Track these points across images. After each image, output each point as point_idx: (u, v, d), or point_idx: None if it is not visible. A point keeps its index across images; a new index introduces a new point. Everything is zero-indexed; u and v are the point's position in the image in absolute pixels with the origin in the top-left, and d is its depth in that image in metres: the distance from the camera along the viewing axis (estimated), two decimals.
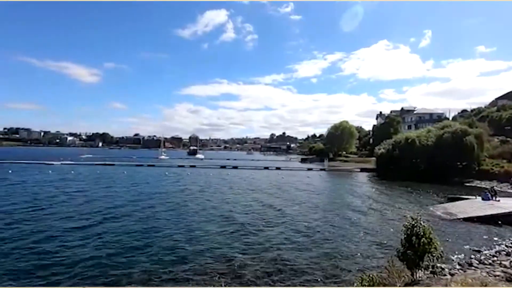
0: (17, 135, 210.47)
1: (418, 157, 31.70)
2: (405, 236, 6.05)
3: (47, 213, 13.35)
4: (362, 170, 43.53)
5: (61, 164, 44.47)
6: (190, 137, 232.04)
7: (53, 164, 43.56)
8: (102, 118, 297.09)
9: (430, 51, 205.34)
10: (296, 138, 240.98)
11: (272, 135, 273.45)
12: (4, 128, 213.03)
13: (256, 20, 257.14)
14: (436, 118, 61.80)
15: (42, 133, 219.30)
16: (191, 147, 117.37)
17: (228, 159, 75.17)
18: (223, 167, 47.61)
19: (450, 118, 59.34)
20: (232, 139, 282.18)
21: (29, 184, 22.80)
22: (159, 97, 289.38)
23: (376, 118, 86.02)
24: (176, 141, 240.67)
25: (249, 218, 13.41)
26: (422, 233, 5.78)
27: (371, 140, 72.51)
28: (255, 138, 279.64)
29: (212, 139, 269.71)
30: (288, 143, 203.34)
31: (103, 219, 12.47)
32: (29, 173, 31.72)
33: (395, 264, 6.56)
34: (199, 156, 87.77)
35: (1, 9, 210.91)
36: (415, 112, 72.22)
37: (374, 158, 43.55)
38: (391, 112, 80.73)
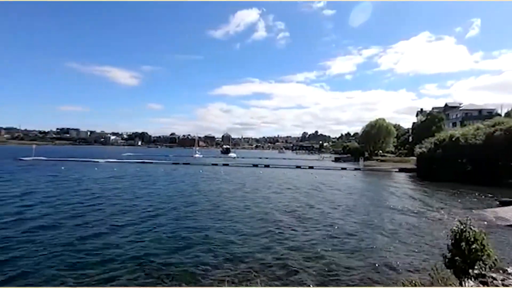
0: (68, 135, 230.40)
1: (465, 156, 29.27)
2: (453, 241, 5.60)
3: (93, 209, 14.18)
4: (401, 170, 41.29)
5: (105, 162, 47.82)
6: (222, 136, 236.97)
7: (98, 161, 47.07)
8: (141, 118, 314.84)
9: (478, 42, 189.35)
10: (329, 137, 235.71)
11: (304, 133, 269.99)
12: (57, 129, 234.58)
13: (287, 18, 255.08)
14: (486, 114, 56.76)
15: (88, 133, 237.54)
16: (224, 146, 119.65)
17: (260, 158, 75.57)
18: (255, 165, 47.94)
19: (503, 114, 54.05)
20: (263, 138, 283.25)
21: (78, 180, 24.75)
22: (192, 97, 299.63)
23: (416, 115, 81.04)
24: (209, 140, 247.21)
25: (291, 218, 13.27)
26: (473, 239, 5.30)
27: (410, 138, 68.61)
28: (287, 136, 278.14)
29: (244, 138, 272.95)
30: (320, 142, 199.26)
31: (146, 216, 12.90)
32: (78, 170, 34.50)
33: (440, 272, 6.11)
34: (231, 155, 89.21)
35: (51, 20, 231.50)
36: (461, 108, 66.72)
37: (413, 158, 41.13)
38: (433, 108, 75.51)
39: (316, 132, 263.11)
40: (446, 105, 74.10)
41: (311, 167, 45.98)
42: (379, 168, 46.02)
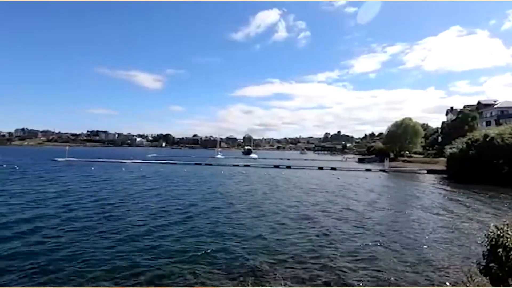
0: (97, 137, 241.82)
1: (501, 157, 27.40)
2: (488, 247, 5.25)
3: (125, 210, 14.65)
4: (429, 171, 39.42)
5: (132, 162, 49.77)
6: (244, 137, 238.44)
7: (125, 162, 49.11)
8: (165, 120, 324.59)
9: None
10: (352, 137, 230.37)
11: (327, 134, 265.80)
12: (87, 131, 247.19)
13: (308, 17, 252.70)
14: None
15: (116, 135, 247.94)
16: (246, 147, 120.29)
17: (281, 159, 75.18)
18: (276, 166, 47.77)
19: None
20: (285, 138, 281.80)
21: (108, 181, 25.89)
22: (214, 99, 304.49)
23: (446, 114, 77.24)
24: (230, 141, 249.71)
25: (322, 219, 13.13)
26: (511, 245, 4.94)
27: (439, 138, 65.43)
28: (308, 137, 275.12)
29: (265, 139, 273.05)
30: (343, 143, 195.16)
31: (180, 216, 13.06)
32: (106, 170, 36.13)
33: (475, 278, 5.75)
34: (253, 155, 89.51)
35: (81, 28, 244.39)
36: (496, 106, 62.52)
37: (443, 159, 39.12)
38: (464, 107, 71.53)
39: (339, 132, 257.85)
40: (479, 102, 69.84)
41: (333, 168, 45.07)
42: (406, 169, 44.23)
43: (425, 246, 9.52)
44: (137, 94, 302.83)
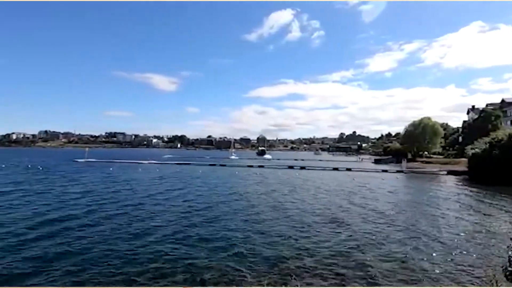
0: (115, 138, 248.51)
1: None
2: None
3: (143, 210, 14.94)
4: (450, 172, 38.12)
5: (148, 163, 50.92)
6: (257, 138, 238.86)
7: (142, 163, 50.33)
8: (180, 121, 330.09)
9: None
10: (368, 137, 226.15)
11: (341, 134, 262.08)
12: (106, 133, 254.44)
13: (322, 16, 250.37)
14: None
15: (133, 136, 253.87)
16: (260, 148, 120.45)
17: (295, 160, 74.78)
18: (290, 167, 47.54)
19: None
20: (299, 139, 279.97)
21: (126, 181, 26.57)
22: (228, 100, 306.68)
23: (467, 113, 74.43)
24: (244, 142, 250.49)
25: (341, 220, 12.95)
26: None
27: (460, 138, 63.22)
28: (323, 137, 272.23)
29: (279, 140, 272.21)
30: (359, 143, 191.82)
31: (196, 218, 13.12)
32: (124, 170, 37.12)
33: (500, 284, 5.53)
34: (267, 156, 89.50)
35: (96, 33, 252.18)
36: None
37: (464, 159, 37.76)
38: (487, 105, 68.74)
39: (354, 132, 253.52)
40: (503, 100, 66.90)
41: (349, 169, 44.39)
42: (424, 170, 42.95)
43: (448, 249, 9.23)
44: (153, 96, 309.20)
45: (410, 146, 67.38)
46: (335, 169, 45.28)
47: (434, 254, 8.80)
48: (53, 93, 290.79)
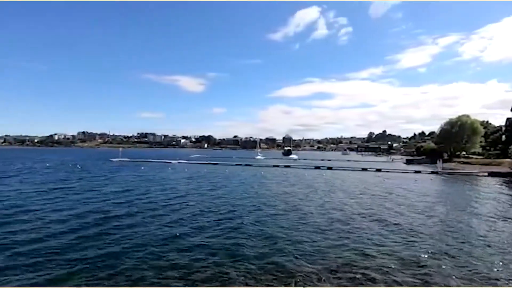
0: (146, 139, 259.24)
1: None
2: None
3: (177, 208, 15.46)
4: (491, 174, 35.49)
5: (177, 162, 52.68)
6: (283, 138, 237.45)
7: (171, 162, 52.20)
8: (207, 122, 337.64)
9: None
10: (399, 137, 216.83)
11: (371, 133, 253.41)
12: (137, 133, 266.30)
13: (350, 12, 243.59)
14: None
15: (162, 137, 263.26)
16: (286, 148, 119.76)
17: (322, 160, 73.50)
18: (317, 167, 46.79)
19: None
20: (326, 139, 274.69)
21: (158, 180, 27.66)
22: (253, 100, 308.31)
23: None
24: (270, 142, 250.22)
25: (370, 224, 12.59)
26: None
27: (503, 137, 58.52)
28: (351, 137, 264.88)
29: (305, 139, 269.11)
30: (389, 143, 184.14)
31: (230, 216, 13.34)
32: (155, 170, 38.68)
33: None
34: (293, 156, 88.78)
35: (126, 37, 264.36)
36: None
37: (508, 160, 35.06)
38: None
39: (384, 132, 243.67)
40: None
41: (378, 170, 42.80)
42: (462, 171, 40.31)
43: (485, 258, 8.62)
44: (181, 98, 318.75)
45: (446, 146, 63.65)
46: (364, 169, 43.89)
47: (469, 261, 8.25)
48: (90, 96, 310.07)
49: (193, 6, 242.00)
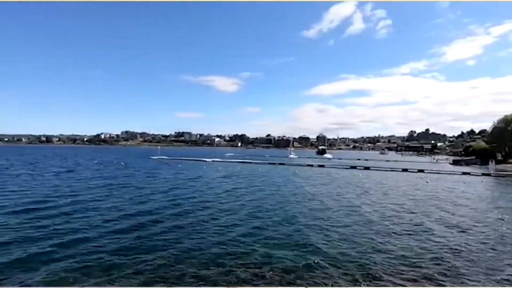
0: (182, 137, 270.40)
1: None
2: None
3: (214, 205, 15.68)
4: None
5: (212, 161, 54.06)
6: (317, 137, 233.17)
7: (206, 161, 53.72)
8: (240, 121, 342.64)
9: None
10: (444, 136, 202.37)
11: (412, 132, 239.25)
12: (175, 132, 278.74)
13: (389, 4, 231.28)
14: None
15: (198, 136, 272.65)
16: (320, 147, 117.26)
17: (358, 159, 70.89)
18: (353, 167, 45.11)
19: None
20: (362, 137, 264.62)
21: (195, 178, 28.40)
22: (286, 98, 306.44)
23: None
24: (304, 141, 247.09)
25: (417, 233, 11.71)
26: None
27: None
28: (390, 136, 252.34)
29: (340, 138, 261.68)
30: (433, 142, 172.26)
31: (265, 218, 13.04)
32: (191, 167, 40.08)
33: None
34: (327, 155, 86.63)
35: (164, 38, 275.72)
36: None
37: None
38: None
39: (427, 130, 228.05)
40: None
41: (421, 171, 40.05)
42: None
43: None
44: (216, 97, 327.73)
45: (500, 146, 57.89)
46: (405, 170, 41.39)
47: None
48: (132, 97, 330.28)
49: (226, 6, 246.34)
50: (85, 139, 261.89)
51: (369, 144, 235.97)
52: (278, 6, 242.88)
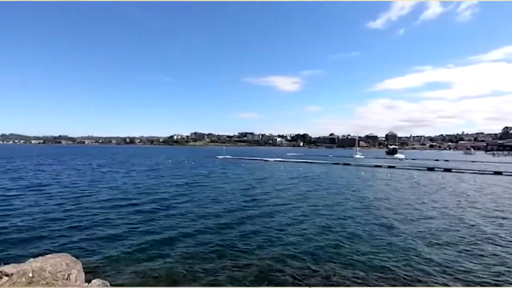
0: (245, 138, 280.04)
1: None
2: None
3: (285, 208, 15.59)
4: None
5: (274, 160, 54.64)
6: (386, 135, 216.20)
7: (268, 160, 54.61)
8: (301, 120, 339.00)
9: None
10: None
11: (506, 129, 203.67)
12: (239, 133, 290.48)
13: None
14: None
15: (260, 136, 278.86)
16: (390, 146, 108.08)
17: (436, 160, 63.21)
18: (430, 169, 40.28)
19: None
20: (441, 135, 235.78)
21: (261, 179, 28.70)
22: (350, 96, 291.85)
23: None
24: (370, 140, 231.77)
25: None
26: None
27: None
28: (477, 133, 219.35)
29: (413, 137, 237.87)
30: None
31: (340, 220, 12.62)
32: (254, 167, 41.24)
33: None
34: (398, 155, 79.04)
35: (228, 43, 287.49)
36: None
37: None
38: None
39: None
40: None
41: None
42: None
43: None
44: (277, 97, 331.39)
45: None
46: (498, 173, 35.24)
47: None
48: (199, 100, 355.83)
49: (284, 5, 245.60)
50: (160, 140, 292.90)
51: (449, 143, 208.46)
52: None
